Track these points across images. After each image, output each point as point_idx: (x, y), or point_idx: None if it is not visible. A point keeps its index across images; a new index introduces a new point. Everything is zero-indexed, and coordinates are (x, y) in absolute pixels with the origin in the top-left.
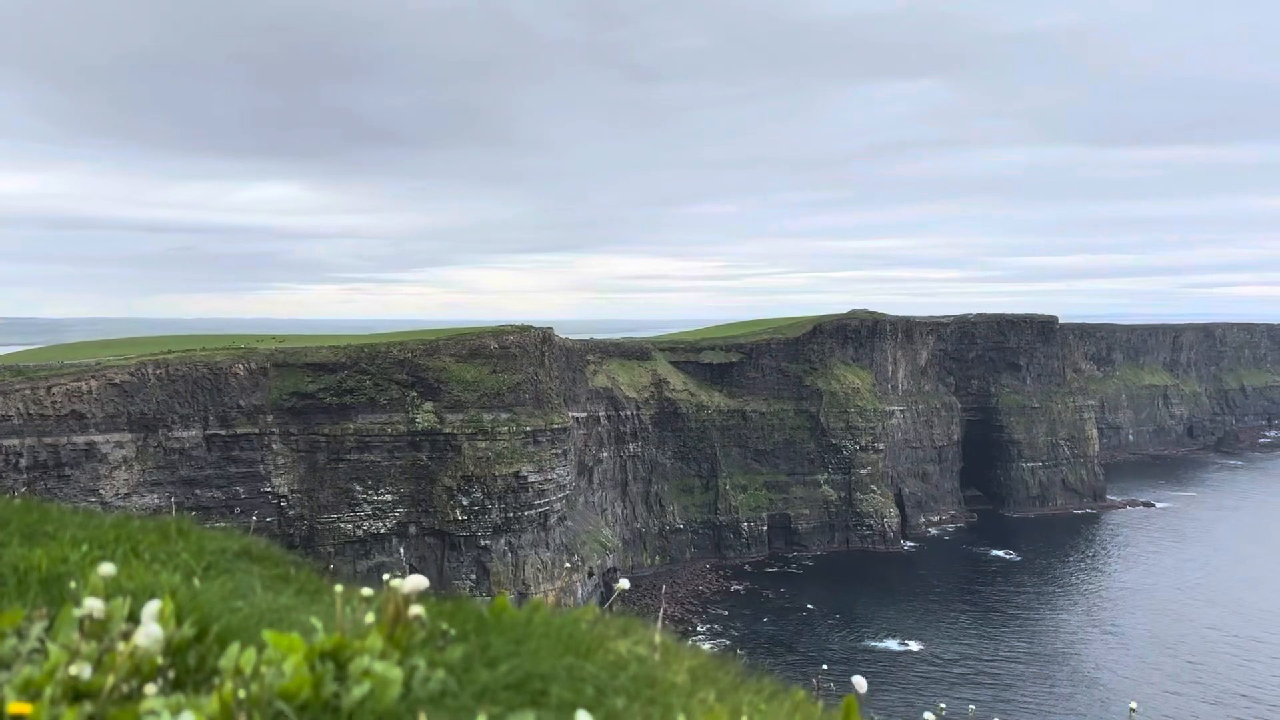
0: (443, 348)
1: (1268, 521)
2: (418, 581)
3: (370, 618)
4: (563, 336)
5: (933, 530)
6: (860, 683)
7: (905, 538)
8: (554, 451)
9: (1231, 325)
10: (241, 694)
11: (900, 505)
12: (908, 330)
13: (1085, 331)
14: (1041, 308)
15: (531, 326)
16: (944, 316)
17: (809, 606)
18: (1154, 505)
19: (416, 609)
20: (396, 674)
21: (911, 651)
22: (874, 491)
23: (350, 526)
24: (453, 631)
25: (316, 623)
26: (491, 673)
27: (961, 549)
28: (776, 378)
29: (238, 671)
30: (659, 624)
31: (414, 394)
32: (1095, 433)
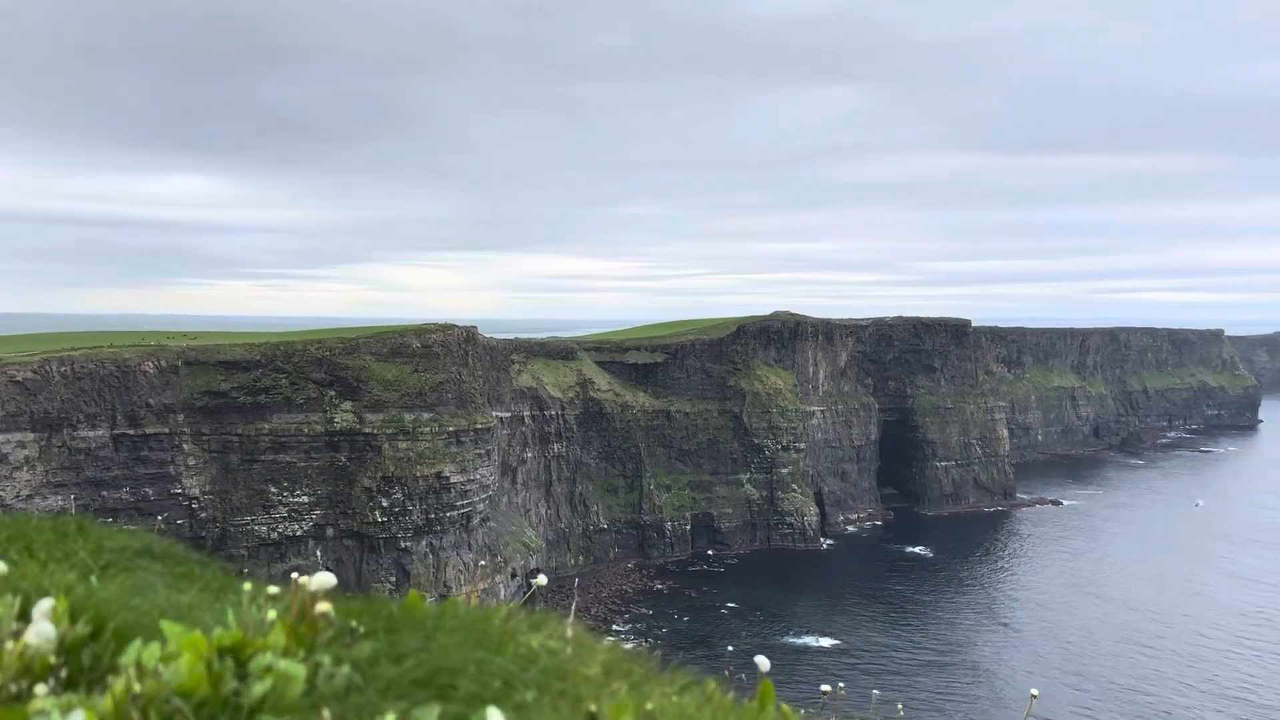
0: (363, 346)
1: (1163, 519)
2: (324, 579)
3: (272, 615)
4: (487, 335)
5: (851, 528)
6: (763, 662)
7: (824, 536)
8: (477, 452)
9: (1135, 329)
10: (136, 690)
11: (820, 504)
12: (828, 332)
13: (997, 335)
14: (956, 311)
15: (455, 325)
16: (863, 319)
17: (730, 604)
18: (1061, 503)
19: (323, 606)
20: (299, 670)
21: (826, 647)
22: (795, 490)
23: (265, 529)
24: (361, 629)
25: (219, 620)
26: (398, 668)
27: (878, 546)
28: (701, 378)
29: (134, 669)
30: (571, 618)
31: (332, 393)
32: (1006, 433)
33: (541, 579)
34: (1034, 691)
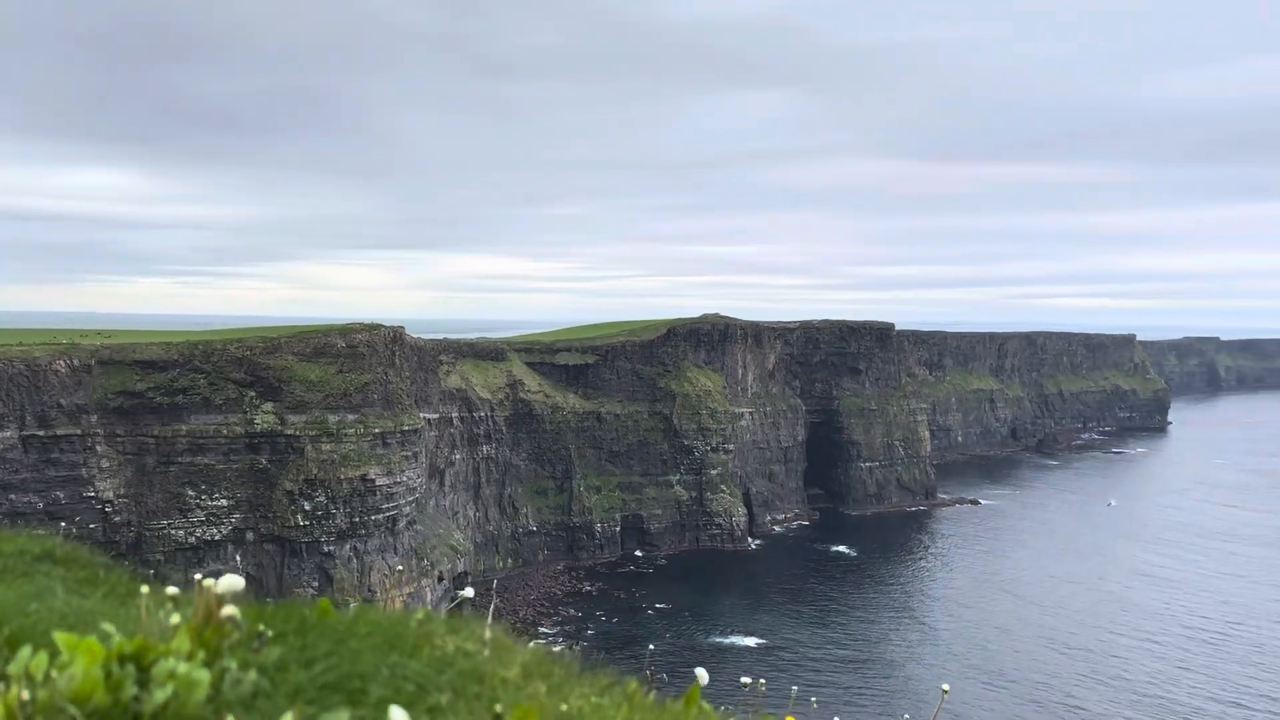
0: (285, 345)
1: (1076, 519)
2: (231, 581)
3: (177, 619)
4: (415, 336)
5: (778, 528)
6: (702, 675)
7: (752, 536)
8: (404, 454)
9: (1051, 334)
10: (26, 698)
11: (748, 504)
12: (757, 335)
13: (919, 338)
14: (880, 315)
15: (381, 325)
16: (791, 322)
17: (659, 605)
18: (979, 502)
19: (230, 610)
20: (203, 676)
21: (751, 646)
22: (723, 491)
23: (182, 533)
24: (270, 633)
25: (122, 625)
26: (308, 673)
27: (804, 546)
28: (631, 380)
29: (27, 676)
30: (489, 620)
31: (253, 394)
32: (928, 434)
33: (468, 591)
34: (945, 687)
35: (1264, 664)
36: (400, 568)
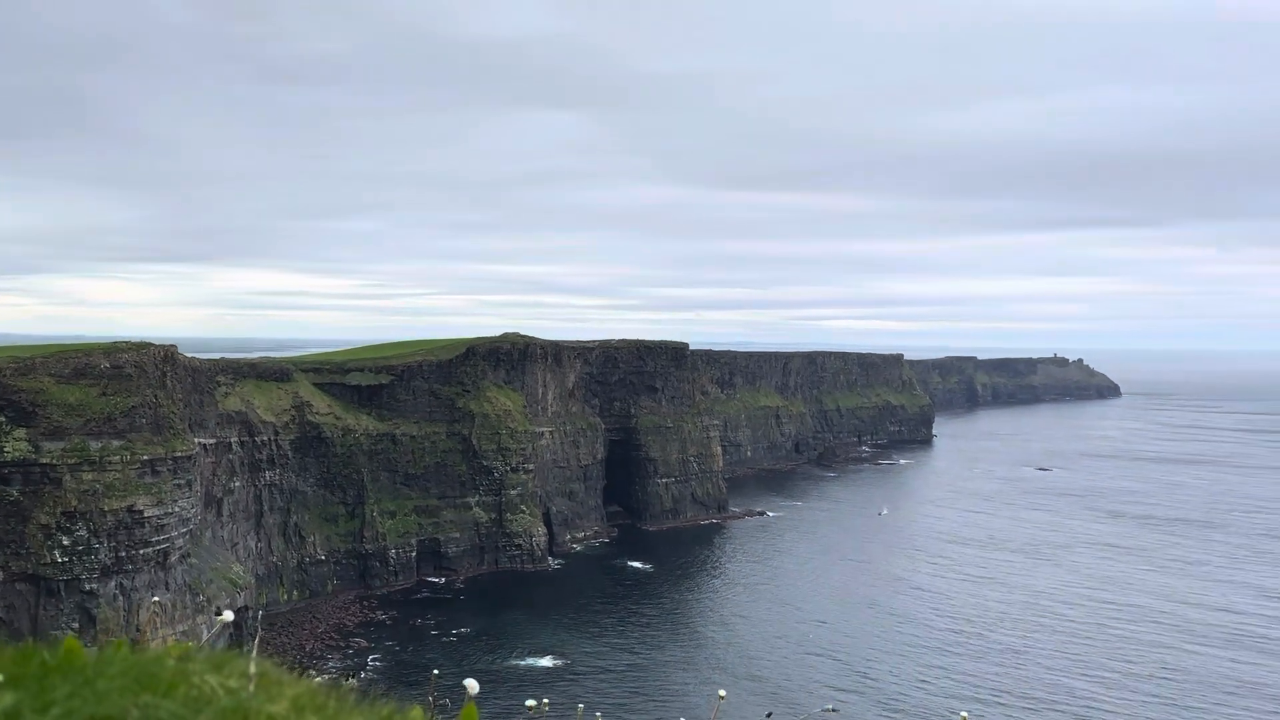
0: (40, 366)
1: (851, 528)
2: None
3: None
4: (189, 355)
5: (578, 546)
6: (472, 685)
7: (552, 555)
8: (176, 482)
9: (830, 354)
10: None
11: (548, 524)
12: (557, 354)
13: (711, 357)
14: (675, 335)
15: (151, 344)
16: (590, 342)
17: (457, 630)
18: (767, 514)
19: None
20: None
21: (547, 667)
22: (523, 511)
23: None
24: (1, 678)
25: None
26: (43, 718)
27: (603, 563)
28: (428, 400)
29: None
30: (254, 654)
31: (2, 419)
32: (720, 450)
33: (227, 615)
34: (721, 693)
35: (1015, 663)
36: (183, 604)
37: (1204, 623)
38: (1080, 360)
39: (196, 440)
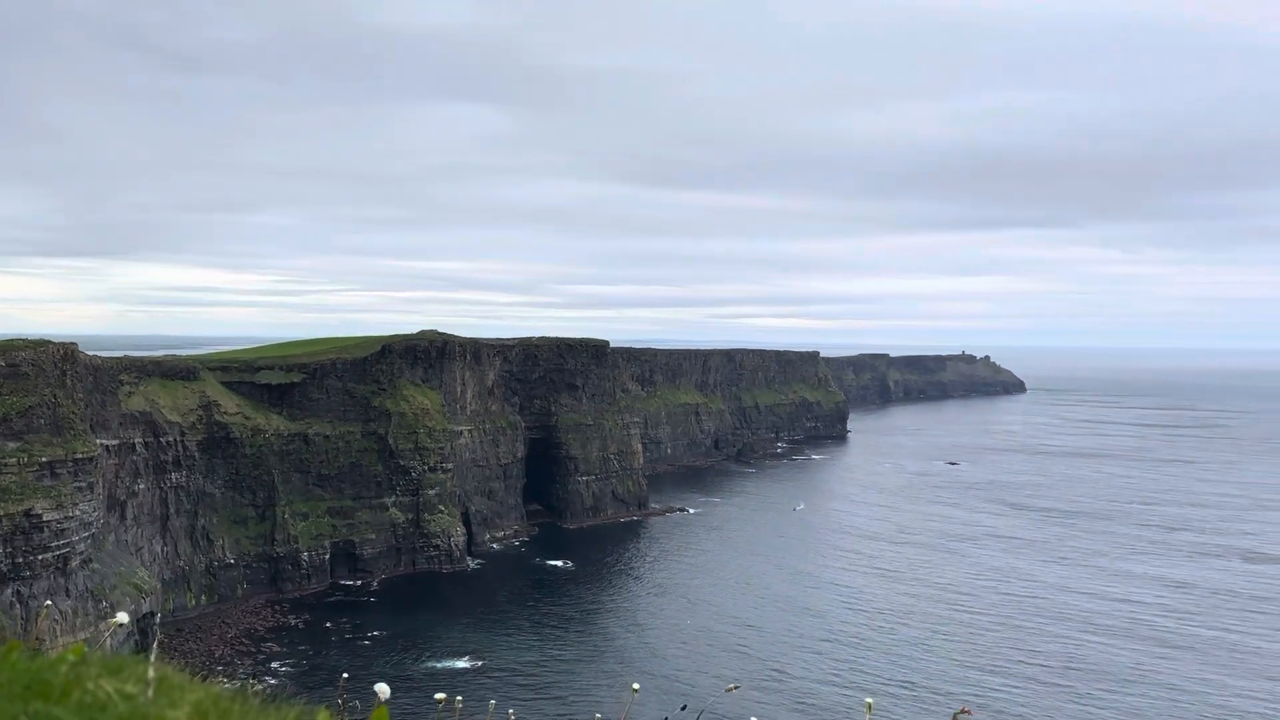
0: None
1: (769, 523)
2: None
3: None
4: (90, 353)
5: (497, 546)
6: (382, 689)
7: (471, 555)
8: (76, 485)
9: (748, 351)
10: None
11: (467, 523)
12: (476, 352)
13: (632, 355)
14: (595, 333)
15: (49, 341)
16: (509, 339)
17: (373, 633)
18: (687, 510)
19: None
20: None
21: (465, 668)
22: (442, 511)
23: None
24: None
25: None
26: None
27: (523, 562)
28: (342, 399)
29: None
30: (153, 658)
31: None
32: (640, 447)
33: (122, 616)
34: (635, 686)
35: (923, 655)
36: (85, 611)
37: (1103, 613)
38: (987, 357)
39: (98, 441)
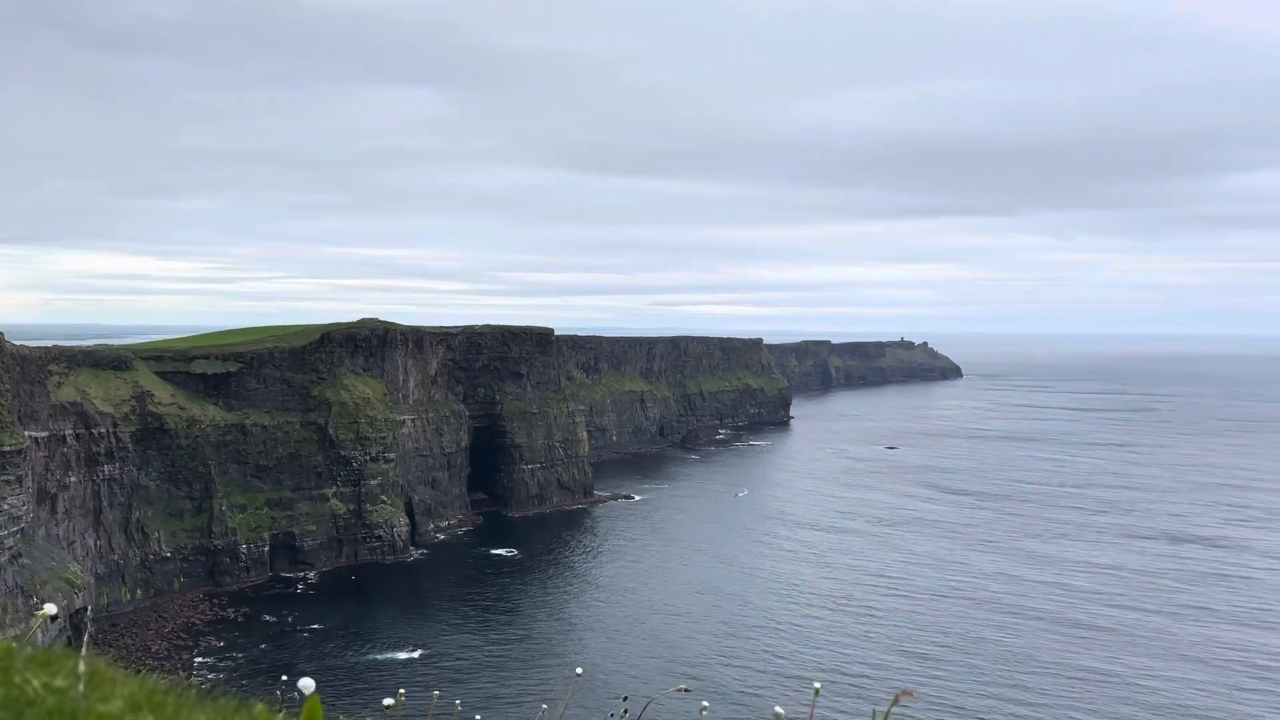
0: None
1: (713, 509)
2: None
3: None
4: (16, 343)
5: (441, 535)
6: (307, 684)
7: (415, 545)
8: (4, 478)
9: (693, 338)
10: None
11: (410, 513)
12: (418, 340)
13: (577, 343)
14: (540, 320)
15: None
16: (453, 327)
17: (314, 626)
18: (633, 497)
19: None
20: None
21: (408, 659)
22: (384, 502)
23: None
24: None
25: None
26: None
27: (467, 552)
28: (281, 388)
29: None
30: (84, 652)
31: None
32: (585, 434)
33: (49, 608)
34: (579, 670)
35: (860, 644)
36: (13, 607)
37: (1036, 597)
38: (925, 343)
39: (27, 433)
